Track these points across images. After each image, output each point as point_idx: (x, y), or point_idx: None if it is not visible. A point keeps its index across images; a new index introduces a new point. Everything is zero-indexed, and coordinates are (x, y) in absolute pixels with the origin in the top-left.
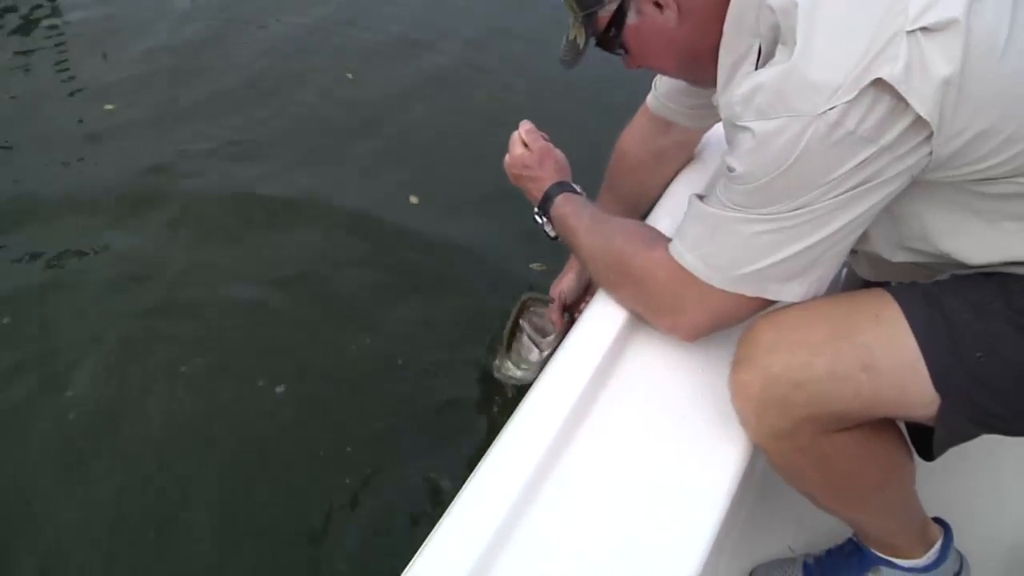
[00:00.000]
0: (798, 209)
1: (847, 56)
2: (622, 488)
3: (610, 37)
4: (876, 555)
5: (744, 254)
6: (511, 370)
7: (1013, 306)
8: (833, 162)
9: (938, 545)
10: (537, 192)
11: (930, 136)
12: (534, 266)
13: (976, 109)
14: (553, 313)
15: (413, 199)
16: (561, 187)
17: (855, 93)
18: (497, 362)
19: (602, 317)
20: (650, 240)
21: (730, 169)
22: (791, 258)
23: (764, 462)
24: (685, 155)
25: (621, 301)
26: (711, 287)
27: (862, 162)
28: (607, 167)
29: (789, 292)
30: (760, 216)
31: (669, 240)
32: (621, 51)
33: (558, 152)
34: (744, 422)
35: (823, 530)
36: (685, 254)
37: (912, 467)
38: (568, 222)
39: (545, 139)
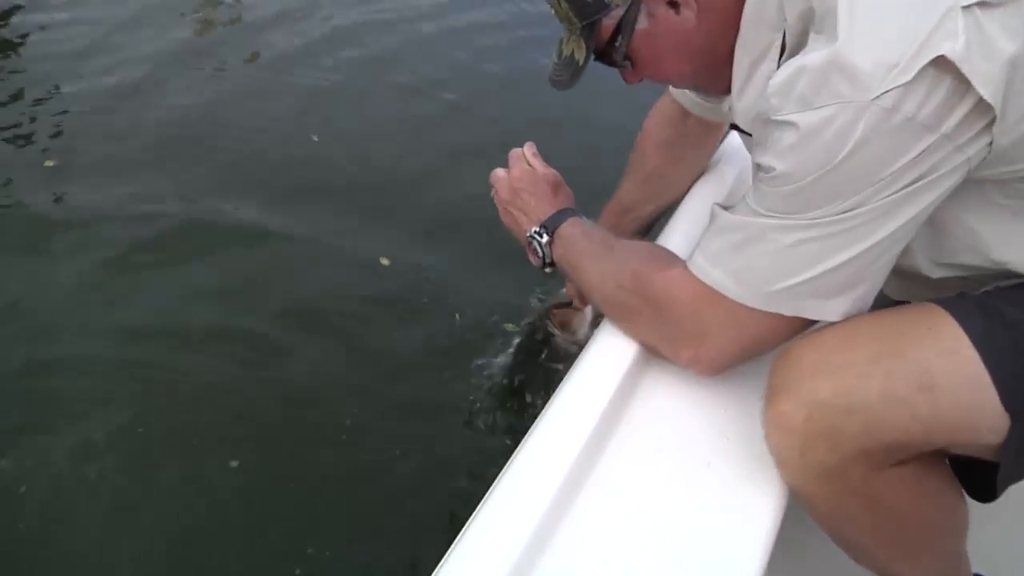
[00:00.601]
0: (847, 212)
1: (900, 33)
2: (636, 558)
3: (615, 47)
4: None
5: (781, 267)
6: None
7: None
8: (890, 154)
9: None
10: (540, 212)
11: (992, 122)
12: (383, 260)
13: None
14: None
15: (384, 261)
16: (573, 211)
17: (913, 73)
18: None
19: (608, 353)
20: (669, 260)
21: (766, 170)
22: (835, 269)
23: (793, 516)
24: (702, 156)
25: (635, 332)
26: (740, 306)
27: (921, 153)
28: (630, 154)
29: (831, 310)
30: (802, 222)
31: (685, 264)
32: (626, 63)
33: (549, 175)
34: (784, 463)
35: None
36: (710, 270)
37: (966, 509)
38: (577, 245)
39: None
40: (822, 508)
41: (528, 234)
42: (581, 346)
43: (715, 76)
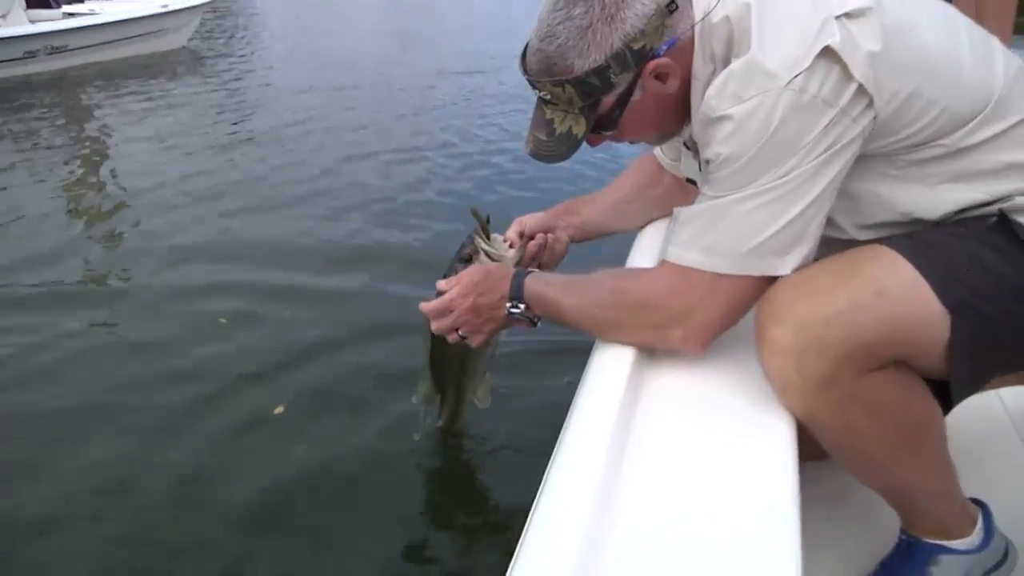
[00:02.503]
0: (784, 177)
1: (796, 37)
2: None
3: (612, 119)
4: (931, 544)
5: (743, 233)
6: None
7: (975, 230)
8: (806, 126)
9: (981, 521)
10: (499, 295)
11: (871, 102)
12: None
13: (901, 75)
14: (510, 231)
15: (278, 409)
16: (523, 273)
17: (810, 61)
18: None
19: (610, 364)
20: (638, 269)
21: (714, 159)
22: (786, 227)
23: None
24: (665, 206)
25: (626, 336)
26: (715, 276)
27: (828, 124)
28: (616, 179)
29: (787, 264)
30: (752, 191)
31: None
32: (614, 131)
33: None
34: (784, 386)
35: (868, 550)
36: (685, 254)
37: (942, 414)
38: (546, 299)
39: None
40: (827, 421)
41: (508, 314)
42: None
43: (679, 119)
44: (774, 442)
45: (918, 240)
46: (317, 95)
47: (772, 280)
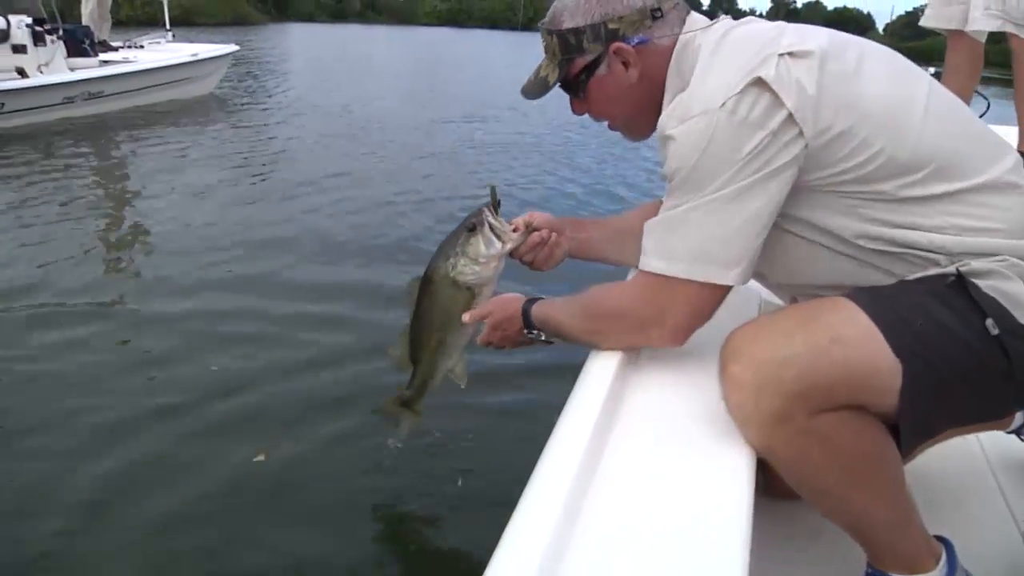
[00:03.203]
0: (721, 190)
1: (736, 69)
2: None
3: (579, 81)
4: None
5: (693, 239)
6: (463, 271)
7: (932, 287)
8: (737, 143)
9: (944, 557)
10: (517, 326)
11: (801, 132)
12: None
13: (835, 113)
14: (518, 220)
15: (260, 456)
16: (528, 303)
17: (742, 87)
18: (451, 262)
19: (592, 385)
20: (614, 284)
21: (667, 172)
22: (727, 239)
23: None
24: None
25: (615, 342)
26: (677, 281)
27: (757, 145)
28: (626, 212)
29: (730, 276)
30: (696, 202)
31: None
32: (581, 94)
33: (499, 297)
34: (743, 418)
35: None
36: (651, 262)
37: (897, 452)
38: (549, 320)
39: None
40: (783, 454)
41: (529, 338)
42: (476, 281)
43: (643, 125)
44: (733, 472)
45: (876, 293)
46: (338, 142)
47: (727, 289)
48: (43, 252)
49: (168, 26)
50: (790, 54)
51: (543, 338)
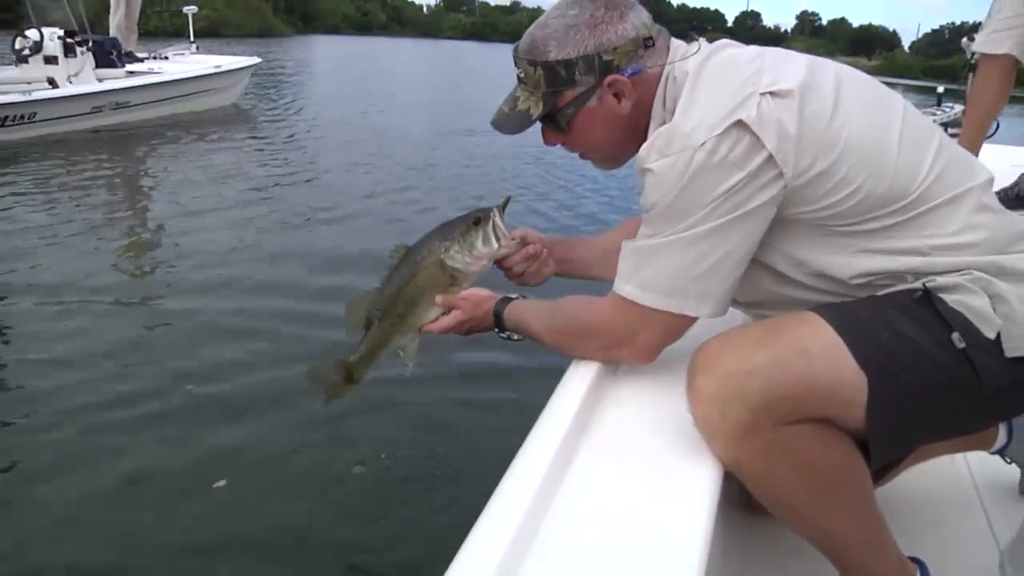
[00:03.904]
0: (697, 227)
1: (717, 108)
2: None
3: (565, 114)
4: None
5: (668, 272)
6: (455, 257)
7: (899, 302)
8: (714, 182)
9: None
10: (488, 323)
11: (781, 173)
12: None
13: (815, 153)
14: (514, 232)
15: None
16: (500, 304)
17: (723, 129)
18: (446, 244)
19: (574, 382)
20: (591, 299)
21: (644, 203)
22: (701, 275)
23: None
24: None
25: (587, 354)
26: (649, 309)
27: (735, 184)
28: (609, 231)
29: (703, 309)
30: (673, 237)
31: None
32: (565, 127)
33: (472, 294)
34: (710, 431)
35: None
36: (624, 286)
37: (865, 467)
38: (521, 326)
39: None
40: (750, 467)
41: (498, 335)
42: (459, 273)
43: (620, 154)
44: (699, 487)
45: (843, 308)
46: (354, 153)
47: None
48: (68, 252)
49: (192, 38)
50: (771, 93)
51: (514, 338)
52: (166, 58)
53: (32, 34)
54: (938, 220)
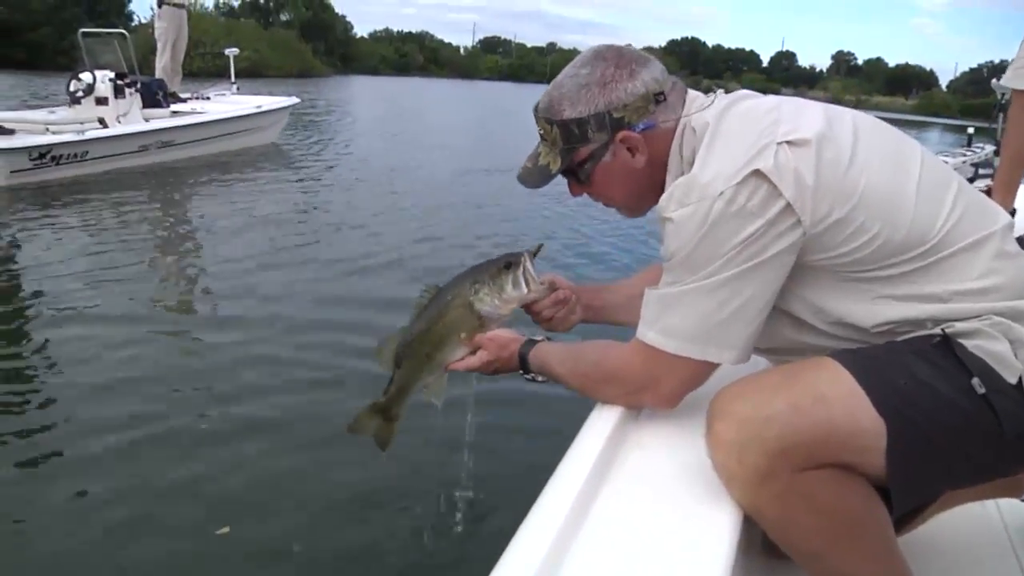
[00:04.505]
0: (717, 275)
1: (735, 158)
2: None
3: (583, 169)
4: None
5: (690, 319)
6: (484, 300)
7: (918, 347)
8: (734, 230)
9: None
10: (513, 365)
11: (799, 220)
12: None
13: (832, 201)
14: (544, 277)
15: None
16: (526, 346)
17: (741, 178)
18: (475, 287)
19: (597, 424)
20: (614, 344)
21: (664, 252)
22: (723, 322)
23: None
24: None
25: (611, 399)
26: (672, 356)
27: (753, 232)
28: (633, 276)
29: (725, 356)
30: (694, 285)
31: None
32: (584, 181)
33: (499, 336)
34: (728, 477)
35: None
36: (647, 333)
37: (886, 513)
38: (547, 367)
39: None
40: (769, 513)
41: (524, 377)
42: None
43: (641, 204)
44: (717, 532)
45: (861, 353)
46: (391, 194)
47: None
48: (114, 283)
49: (233, 78)
50: (788, 142)
51: (539, 380)
52: (208, 98)
53: (86, 77)
54: (957, 266)
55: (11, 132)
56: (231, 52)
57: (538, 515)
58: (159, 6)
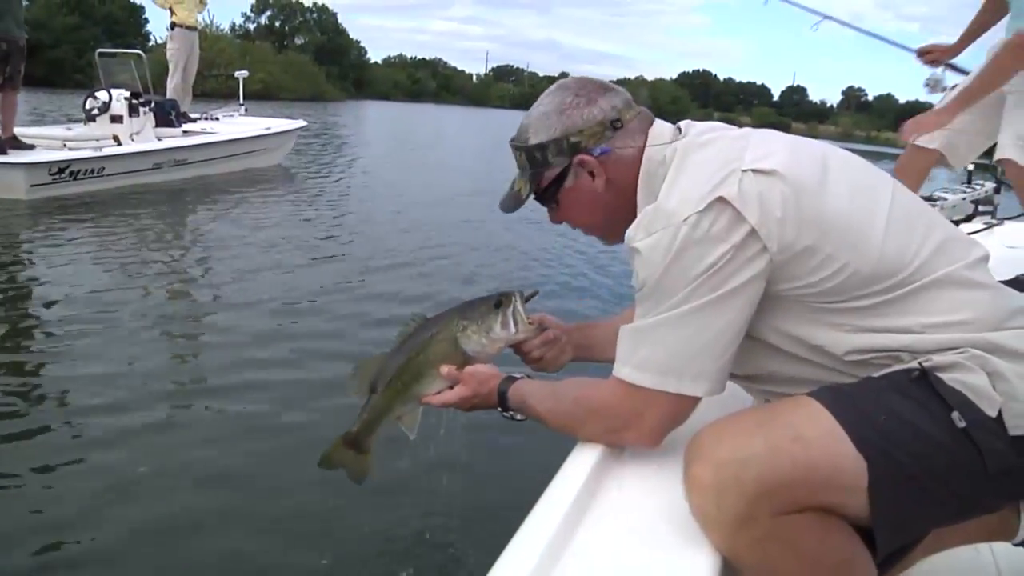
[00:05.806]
0: (686, 304)
1: (699, 185)
2: None
3: (549, 193)
4: None
5: (661, 352)
6: (471, 338)
7: (896, 382)
8: (699, 256)
9: None
10: (492, 402)
11: (765, 247)
12: None
13: (799, 230)
14: (533, 317)
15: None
16: (505, 383)
17: (705, 205)
18: (462, 323)
19: (577, 462)
20: (594, 380)
21: (635, 284)
22: (695, 354)
23: None
24: None
25: (593, 438)
26: (649, 391)
27: (719, 257)
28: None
29: (699, 388)
30: (664, 315)
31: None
32: (554, 205)
33: (478, 371)
34: (706, 521)
35: None
36: (623, 369)
37: (868, 557)
38: (526, 407)
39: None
40: (748, 560)
41: (501, 415)
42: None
43: (614, 228)
44: (696, 574)
45: (839, 391)
46: (397, 218)
47: (699, 398)
48: (125, 292)
49: (242, 100)
50: (754, 170)
51: (518, 418)
52: (216, 119)
53: (102, 95)
54: (930, 297)
55: (31, 147)
56: (241, 75)
57: (512, 555)
58: (171, 28)
